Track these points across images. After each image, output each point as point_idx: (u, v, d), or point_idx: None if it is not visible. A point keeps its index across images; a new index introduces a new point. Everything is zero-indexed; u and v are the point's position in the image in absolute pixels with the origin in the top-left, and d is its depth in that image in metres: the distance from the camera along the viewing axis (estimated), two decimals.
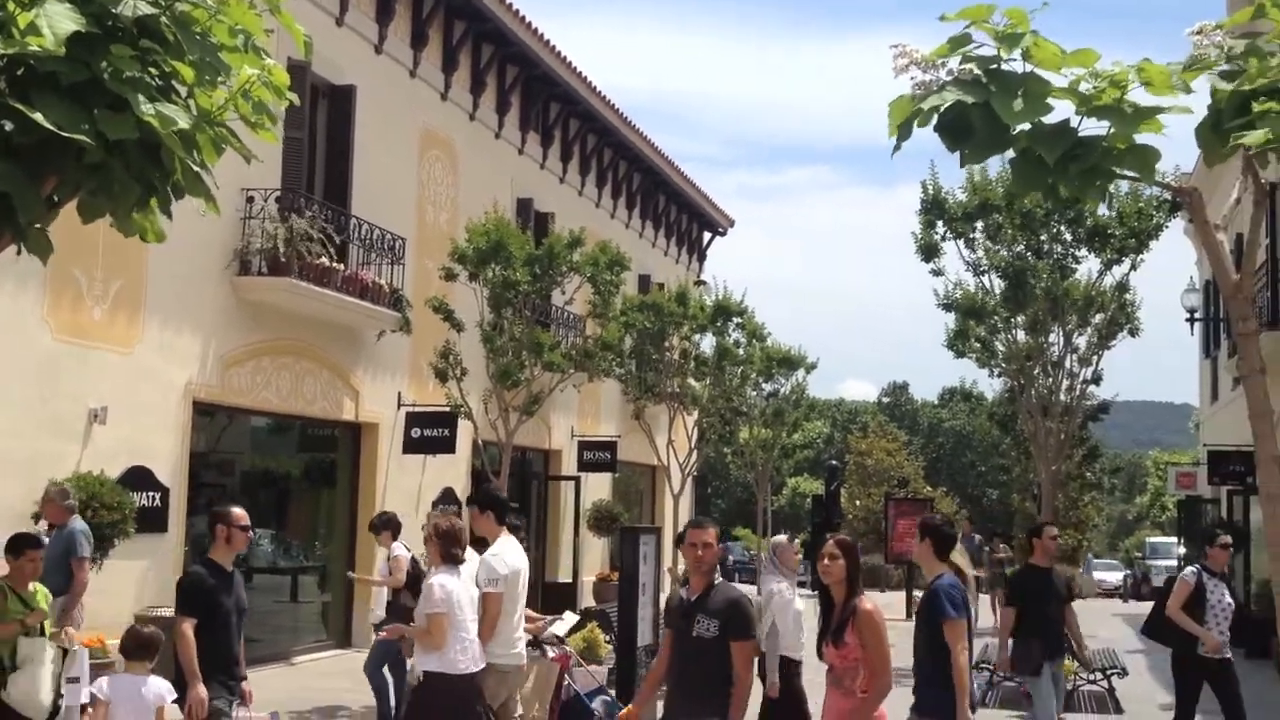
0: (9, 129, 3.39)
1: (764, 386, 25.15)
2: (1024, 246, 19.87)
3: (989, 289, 20.39)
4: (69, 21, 3.28)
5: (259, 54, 3.85)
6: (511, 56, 21.10)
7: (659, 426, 23.90)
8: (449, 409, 16.30)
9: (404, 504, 16.63)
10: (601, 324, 17.65)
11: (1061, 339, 20.71)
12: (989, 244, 20.16)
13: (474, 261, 15.48)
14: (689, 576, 6.20)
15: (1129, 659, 15.64)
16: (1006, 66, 3.49)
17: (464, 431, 17.40)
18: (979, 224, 20.08)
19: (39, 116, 3.30)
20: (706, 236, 33.73)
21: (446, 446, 17.48)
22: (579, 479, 23.54)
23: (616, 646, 10.74)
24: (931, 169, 20.41)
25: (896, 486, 48.97)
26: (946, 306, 20.86)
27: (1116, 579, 39.21)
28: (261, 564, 16.24)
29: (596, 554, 25.04)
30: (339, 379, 16.65)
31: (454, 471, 19.09)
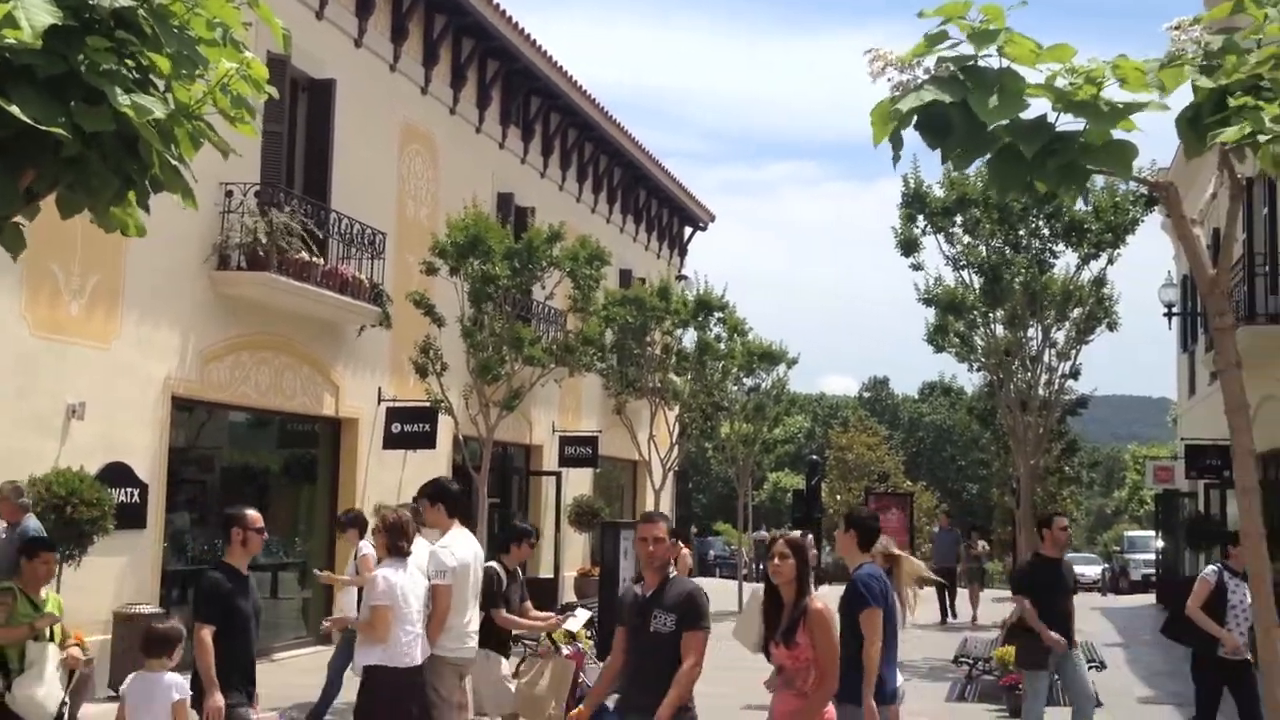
0: None
1: (745, 381, 25.18)
2: (1002, 241, 19.93)
3: (968, 284, 20.45)
4: (46, 14, 3.25)
5: (237, 47, 3.82)
6: (492, 51, 21.06)
7: (640, 422, 23.94)
8: (429, 404, 16.29)
9: (384, 499, 16.56)
10: (582, 319, 17.65)
11: (1040, 334, 20.79)
12: (967, 239, 20.22)
13: (454, 256, 15.47)
14: (642, 572, 6.19)
15: (1107, 652, 15.74)
16: (983, 63, 3.50)
17: (445, 427, 17.37)
18: (958, 218, 20.13)
19: (15, 110, 3.28)
20: (687, 231, 33.77)
21: (427, 442, 17.44)
22: (560, 474, 23.52)
23: (597, 641, 10.77)
24: (913, 163, 20.48)
25: (877, 481, 49.26)
26: (926, 301, 20.91)
27: (1095, 573, 39.36)
28: None
29: (578, 549, 25.04)
30: (319, 374, 16.60)
31: (434, 467, 19.02)
